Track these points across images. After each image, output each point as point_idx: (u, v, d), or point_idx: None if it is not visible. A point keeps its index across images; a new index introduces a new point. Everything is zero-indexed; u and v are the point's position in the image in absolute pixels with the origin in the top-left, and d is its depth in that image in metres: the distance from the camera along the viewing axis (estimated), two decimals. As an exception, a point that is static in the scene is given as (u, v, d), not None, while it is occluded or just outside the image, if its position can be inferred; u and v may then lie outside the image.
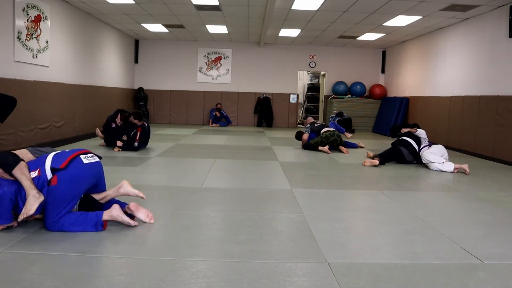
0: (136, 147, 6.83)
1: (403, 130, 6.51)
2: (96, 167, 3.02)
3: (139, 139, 6.83)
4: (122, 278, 2.18)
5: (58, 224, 2.81)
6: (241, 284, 2.16)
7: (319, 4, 7.95)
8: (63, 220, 2.81)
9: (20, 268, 2.28)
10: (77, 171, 2.87)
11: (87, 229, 2.84)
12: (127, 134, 6.96)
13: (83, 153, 2.98)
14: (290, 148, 8.06)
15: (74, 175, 2.85)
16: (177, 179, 4.84)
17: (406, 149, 6.28)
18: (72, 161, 2.88)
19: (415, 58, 11.12)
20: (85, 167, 2.91)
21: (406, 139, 6.36)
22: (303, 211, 3.58)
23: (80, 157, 2.93)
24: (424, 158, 6.00)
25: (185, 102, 13.58)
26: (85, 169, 2.91)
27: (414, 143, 6.26)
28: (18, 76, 6.60)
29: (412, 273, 2.36)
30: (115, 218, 2.92)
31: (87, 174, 2.93)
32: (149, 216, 3.10)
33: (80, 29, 8.98)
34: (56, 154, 2.95)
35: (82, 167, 2.90)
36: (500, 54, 7.36)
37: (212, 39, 12.84)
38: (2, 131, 6.09)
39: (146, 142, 7.20)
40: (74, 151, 2.99)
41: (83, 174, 2.90)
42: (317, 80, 15.52)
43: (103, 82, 10.41)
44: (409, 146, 6.27)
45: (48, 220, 2.81)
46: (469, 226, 3.34)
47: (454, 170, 5.74)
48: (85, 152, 3.01)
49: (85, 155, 2.97)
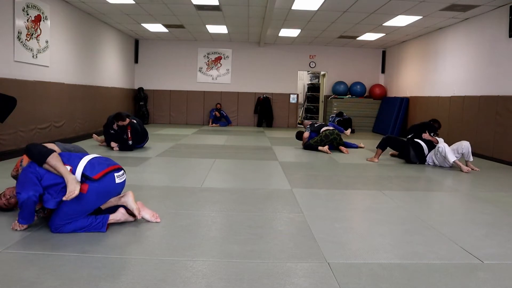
0: (131, 145, 6.87)
1: (424, 136, 6.31)
2: (122, 186, 3.06)
3: (131, 136, 6.85)
4: (122, 278, 2.18)
5: (66, 228, 2.80)
6: (241, 284, 2.16)
7: (319, 4, 7.95)
8: (72, 225, 2.81)
9: (20, 268, 2.28)
10: (108, 187, 2.89)
11: (91, 230, 2.86)
12: (121, 136, 6.96)
13: (116, 169, 2.98)
14: (290, 148, 8.06)
15: (104, 190, 2.87)
16: (177, 179, 4.84)
17: (414, 151, 6.30)
18: (106, 176, 2.88)
19: (415, 58, 11.12)
20: (115, 186, 2.94)
21: (419, 142, 6.31)
22: (303, 211, 3.58)
23: (114, 175, 2.93)
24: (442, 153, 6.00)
25: (185, 102, 13.58)
26: (114, 188, 2.95)
27: (426, 148, 6.27)
28: (18, 76, 6.60)
29: (412, 273, 2.36)
30: (122, 221, 3.01)
31: (115, 192, 2.99)
32: (154, 216, 3.14)
33: (80, 29, 8.98)
34: (90, 161, 2.91)
35: (112, 185, 2.92)
36: (500, 54, 7.36)
37: (212, 39, 12.83)
38: (2, 131, 6.09)
39: (143, 139, 7.20)
40: (109, 165, 2.96)
41: (111, 191, 2.94)
42: (317, 80, 15.51)
43: (103, 82, 10.41)
44: (419, 150, 6.28)
45: (57, 221, 2.78)
46: (469, 226, 3.34)
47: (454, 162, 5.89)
48: (118, 168, 3.01)
49: (118, 173, 2.97)
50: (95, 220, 2.87)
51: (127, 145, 6.87)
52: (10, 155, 5.98)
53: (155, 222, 3.11)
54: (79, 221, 2.83)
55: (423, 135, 6.32)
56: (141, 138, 7.16)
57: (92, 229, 2.86)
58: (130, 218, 3.05)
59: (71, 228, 2.81)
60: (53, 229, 2.81)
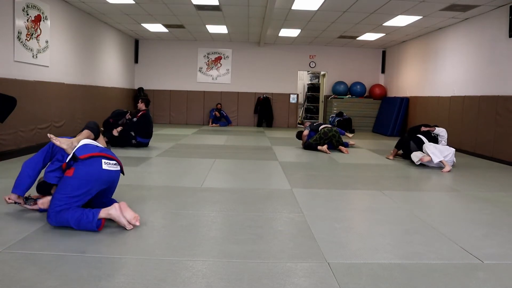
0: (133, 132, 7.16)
1: (423, 128, 6.63)
2: (112, 175, 3.03)
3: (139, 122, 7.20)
4: (122, 278, 2.18)
5: (59, 217, 2.80)
6: (241, 284, 2.16)
7: (319, 4, 7.95)
8: (65, 214, 2.80)
9: (20, 268, 2.28)
10: (92, 171, 2.89)
11: (83, 226, 2.79)
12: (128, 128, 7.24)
13: (107, 157, 2.99)
14: (290, 148, 8.06)
15: (88, 173, 2.88)
16: (177, 179, 4.84)
17: (415, 143, 6.41)
18: (92, 158, 2.91)
19: (415, 58, 11.12)
20: (101, 171, 2.93)
21: (419, 136, 6.47)
22: (303, 211, 3.58)
23: (102, 160, 2.94)
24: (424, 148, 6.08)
25: (185, 102, 13.58)
26: (99, 173, 2.92)
27: (426, 141, 6.34)
28: (18, 76, 6.60)
29: (412, 273, 2.36)
30: (113, 217, 2.87)
31: (101, 179, 2.95)
32: (135, 218, 2.92)
33: (80, 29, 8.98)
34: (87, 144, 3.05)
35: (98, 169, 2.91)
36: (500, 54, 7.36)
37: (212, 39, 12.84)
38: (2, 131, 6.09)
39: (147, 131, 7.33)
40: (102, 151, 3.02)
41: (97, 176, 2.91)
42: (317, 80, 15.52)
43: (103, 82, 10.41)
44: (419, 143, 6.38)
45: (50, 210, 2.85)
46: (469, 226, 3.33)
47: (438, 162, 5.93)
48: (109, 157, 3.02)
49: (107, 160, 2.98)
50: (87, 212, 2.81)
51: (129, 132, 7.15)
52: (10, 155, 5.98)
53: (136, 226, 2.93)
54: (70, 211, 2.80)
55: (422, 128, 6.62)
56: (148, 129, 7.32)
57: (84, 222, 2.78)
58: (126, 224, 2.88)
59: (64, 218, 2.79)
60: (49, 220, 2.84)
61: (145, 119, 7.27)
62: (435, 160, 5.83)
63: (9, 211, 3.27)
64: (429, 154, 5.87)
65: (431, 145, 6.04)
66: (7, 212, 3.25)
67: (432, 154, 5.86)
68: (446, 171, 5.73)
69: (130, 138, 7.16)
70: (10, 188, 3.21)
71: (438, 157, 5.84)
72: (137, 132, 7.20)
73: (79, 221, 2.79)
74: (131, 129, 7.19)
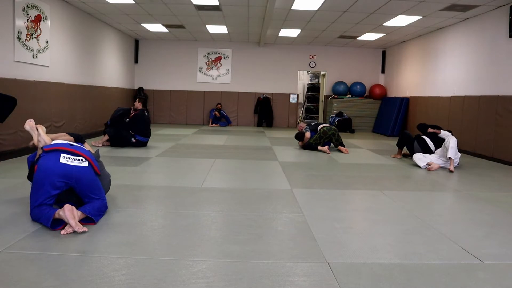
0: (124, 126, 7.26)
1: (429, 130, 6.67)
2: (72, 170, 2.89)
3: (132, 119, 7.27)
4: (122, 278, 2.18)
5: (33, 213, 2.90)
6: (241, 284, 2.16)
7: (319, 4, 7.95)
8: (36, 210, 2.87)
9: (20, 268, 2.28)
10: (48, 163, 2.88)
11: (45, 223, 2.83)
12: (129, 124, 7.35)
13: (69, 151, 2.95)
14: (290, 148, 8.06)
15: (45, 166, 2.87)
16: (177, 179, 4.84)
17: (419, 144, 6.52)
18: (52, 152, 2.92)
19: (415, 58, 11.12)
20: (57, 165, 2.87)
21: (424, 137, 6.56)
22: (303, 211, 3.58)
23: (61, 154, 2.91)
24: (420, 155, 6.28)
25: (185, 102, 13.58)
26: (55, 166, 2.87)
27: (431, 144, 6.44)
28: (18, 76, 6.59)
29: (412, 273, 2.36)
30: (63, 218, 2.78)
31: (56, 172, 2.85)
32: (78, 226, 2.76)
33: (80, 29, 8.97)
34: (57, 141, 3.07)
35: (54, 163, 2.88)
36: (500, 54, 7.35)
37: (212, 39, 12.83)
38: (2, 131, 6.09)
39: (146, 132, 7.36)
40: (67, 146, 2.99)
41: (53, 169, 2.85)
42: (317, 80, 15.51)
43: (103, 82, 10.40)
44: (423, 144, 6.48)
45: (30, 205, 2.93)
46: (469, 226, 3.34)
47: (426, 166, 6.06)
48: (74, 152, 2.96)
49: (68, 155, 2.93)
50: (50, 209, 2.84)
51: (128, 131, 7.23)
52: (10, 155, 5.98)
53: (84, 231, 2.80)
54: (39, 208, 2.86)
55: (429, 129, 6.65)
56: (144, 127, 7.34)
57: (43, 219, 2.82)
58: (75, 226, 2.75)
59: (35, 214, 2.88)
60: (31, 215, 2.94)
61: (140, 118, 7.30)
62: (421, 164, 6.09)
63: (9, 211, 3.27)
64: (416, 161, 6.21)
65: (420, 154, 6.28)
66: (7, 212, 3.25)
67: (419, 160, 6.17)
68: (433, 169, 5.93)
69: (129, 137, 7.19)
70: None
71: (424, 162, 6.11)
72: (135, 131, 7.24)
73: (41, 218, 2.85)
74: (129, 128, 7.22)
